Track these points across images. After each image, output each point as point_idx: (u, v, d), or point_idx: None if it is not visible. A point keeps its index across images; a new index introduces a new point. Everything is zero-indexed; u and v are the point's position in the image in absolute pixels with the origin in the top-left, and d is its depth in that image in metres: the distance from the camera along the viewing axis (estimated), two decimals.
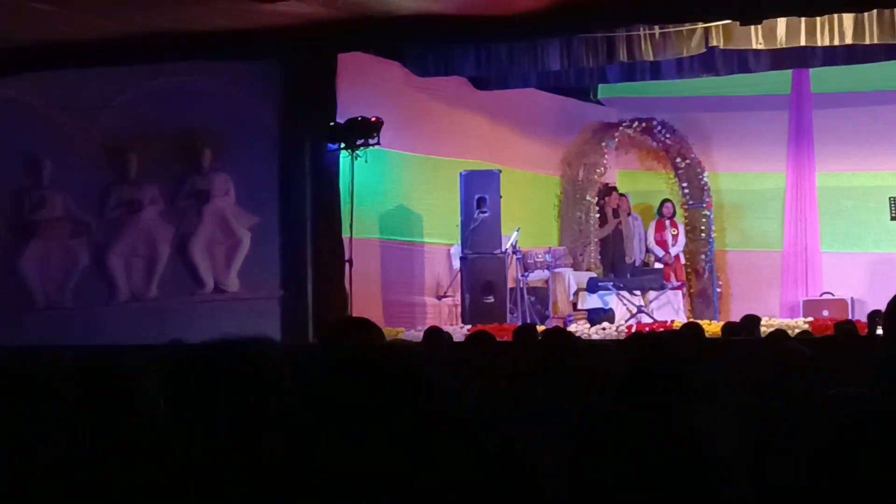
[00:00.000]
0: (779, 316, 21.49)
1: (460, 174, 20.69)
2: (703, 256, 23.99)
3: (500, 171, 20.71)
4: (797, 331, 15.57)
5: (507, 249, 20.52)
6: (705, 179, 24.16)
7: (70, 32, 15.49)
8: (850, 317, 19.61)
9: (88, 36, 15.59)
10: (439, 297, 21.16)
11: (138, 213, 18.64)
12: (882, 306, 4.88)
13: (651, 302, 20.85)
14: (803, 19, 17.30)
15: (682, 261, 23.57)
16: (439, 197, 21.21)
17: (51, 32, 15.50)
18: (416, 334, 16.97)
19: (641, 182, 24.75)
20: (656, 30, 18.29)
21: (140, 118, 18.57)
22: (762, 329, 15.32)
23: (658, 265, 23.08)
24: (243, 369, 3.79)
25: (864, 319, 15.76)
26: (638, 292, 20.91)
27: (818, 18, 17.24)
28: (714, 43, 18.29)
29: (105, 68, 16.72)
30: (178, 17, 14.68)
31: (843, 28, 17.36)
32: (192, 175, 19.12)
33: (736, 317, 17.53)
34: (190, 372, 3.92)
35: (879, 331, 9.16)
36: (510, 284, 20.66)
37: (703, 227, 24.09)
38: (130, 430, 4.48)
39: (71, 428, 5.02)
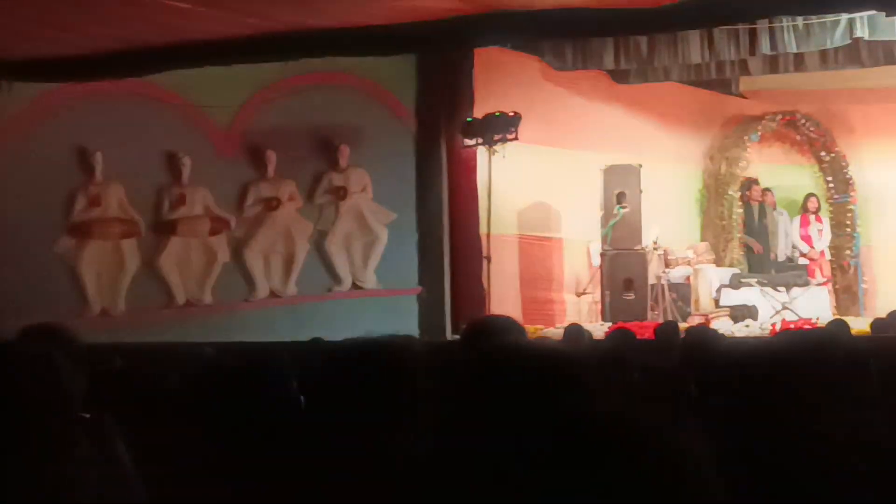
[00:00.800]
0: None
1: (600, 169, 20.61)
2: (848, 252, 23.67)
3: (641, 166, 20.57)
4: None
5: (647, 245, 20.41)
6: (850, 173, 23.83)
7: (211, 31, 15.63)
8: None
9: (229, 33, 15.70)
10: (578, 294, 21.09)
11: (276, 209, 18.81)
12: None
13: (795, 299, 20.55)
14: None
15: (827, 256, 23.25)
16: (578, 192, 21.12)
17: (192, 31, 15.64)
18: (555, 332, 16.89)
19: (785, 176, 24.42)
20: (799, 21, 18.07)
21: (278, 115, 18.74)
22: None
23: (803, 261, 22.79)
24: (386, 367, 3.77)
25: None
26: (782, 288, 20.64)
27: None
28: (859, 34, 18.02)
29: (244, 66, 16.84)
30: (315, 13, 14.73)
31: None
32: (329, 172, 19.29)
33: (882, 313, 17.22)
34: (331, 369, 3.90)
35: None
36: (651, 281, 20.54)
37: (848, 222, 23.77)
38: (270, 428, 4.47)
39: (211, 424, 5.04)
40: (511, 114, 18.54)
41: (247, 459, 4.06)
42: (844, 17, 17.76)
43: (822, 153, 23.95)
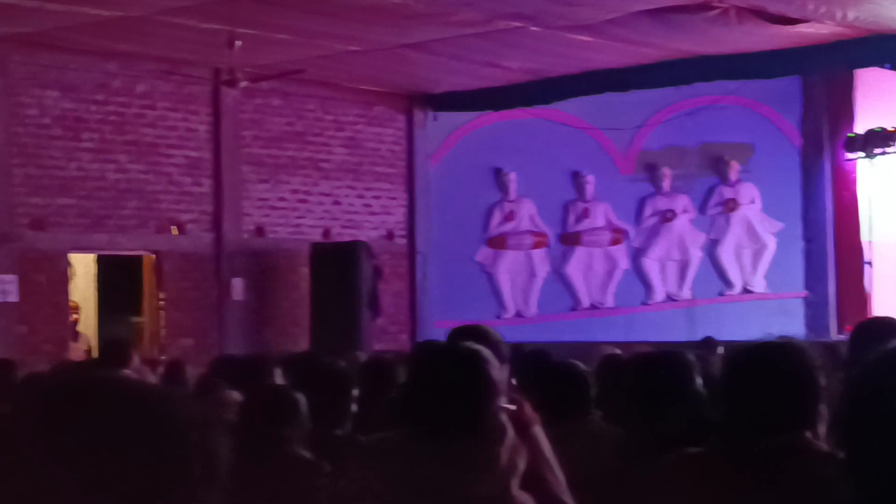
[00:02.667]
0: None
1: None
2: None
3: None
4: None
5: None
6: None
7: (611, 61, 15.82)
8: None
9: (627, 63, 15.88)
10: None
11: (671, 221, 18.87)
12: None
13: None
14: None
15: None
16: None
17: (594, 61, 15.85)
18: None
19: None
20: None
21: (671, 135, 18.80)
22: None
23: None
24: (790, 366, 3.77)
25: None
26: None
27: None
28: None
29: (640, 91, 16.94)
30: (708, 41, 14.73)
31: None
32: (719, 185, 19.27)
33: None
34: (733, 368, 3.93)
35: None
36: None
37: None
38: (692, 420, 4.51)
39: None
40: (891, 129, 18.10)
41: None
42: None
43: None
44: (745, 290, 19.31)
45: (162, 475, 1.62)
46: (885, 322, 5.84)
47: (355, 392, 6.34)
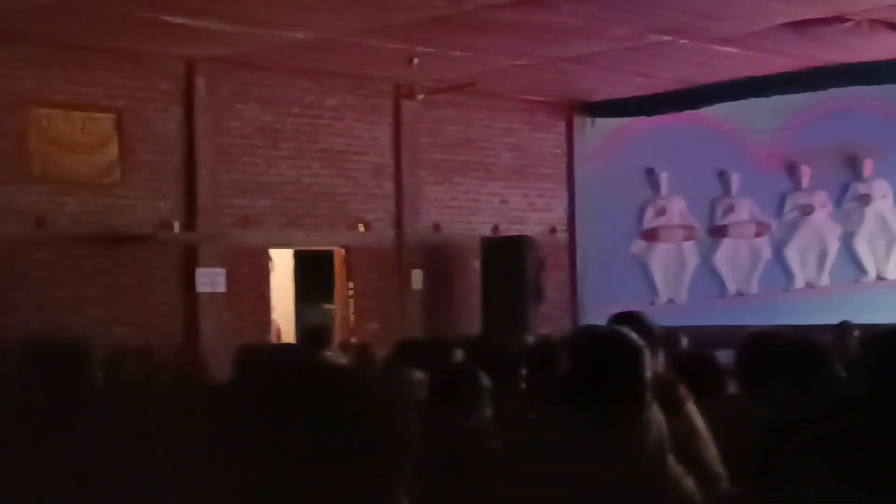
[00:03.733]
0: None
1: None
2: None
3: None
4: None
5: None
6: None
7: (752, 69, 15.65)
8: None
9: (768, 71, 15.69)
10: None
11: (810, 215, 18.57)
12: None
13: None
14: None
15: None
16: None
17: (737, 70, 15.70)
18: None
19: None
20: None
21: (810, 136, 18.48)
22: None
23: None
24: None
25: None
26: None
27: None
28: None
29: (780, 97, 16.70)
30: (841, 50, 14.45)
31: None
32: (854, 182, 18.87)
33: None
34: (872, 349, 3.86)
35: None
36: None
37: None
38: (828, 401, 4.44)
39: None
40: None
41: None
42: None
43: None
44: (879, 278, 18.90)
45: (361, 447, 1.65)
46: None
47: (523, 371, 6.36)
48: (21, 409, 5.84)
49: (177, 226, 14.65)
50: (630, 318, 6.19)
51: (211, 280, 14.78)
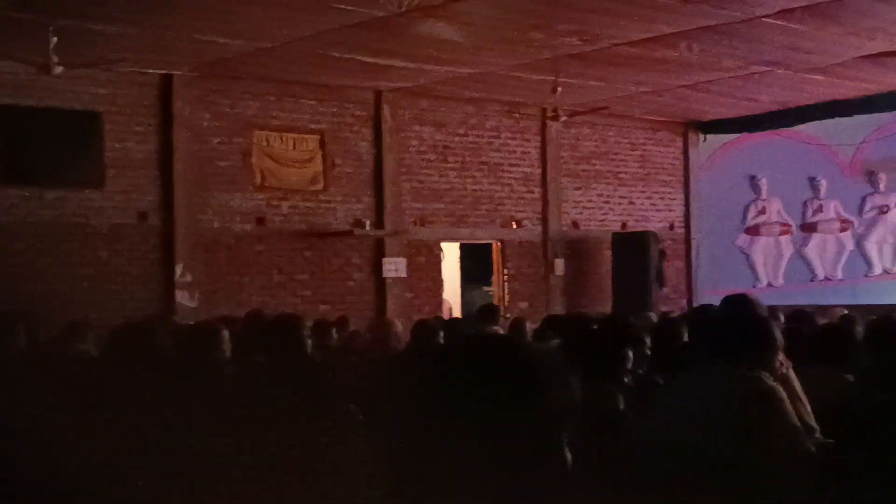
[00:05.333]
0: None
1: None
2: None
3: None
4: None
5: None
6: None
7: (838, 93, 15.38)
8: None
9: (852, 94, 15.42)
10: None
11: (886, 213, 17.95)
12: None
13: None
14: None
15: None
16: None
17: (825, 94, 15.45)
18: None
19: None
20: None
21: (886, 148, 17.83)
22: None
23: None
24: None
25: None
26: None
27: None
28: None
29: (860, 115, 16.28)
30: None
31: None
32: None
33: None
34: None
35: None
36: None
37: None
38: None
39: None
40: None
41: None
42: None
43: None
44: None
45: (535, 407, 1.63)
46: None
47: (649, 343, 6.30)
48: (245, 370, 5.98)
49: (368, 224, 14.82)
50: (740, 299, 6.10)
51: (395, 267, 14.93)
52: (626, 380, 5.19)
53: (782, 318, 9.23)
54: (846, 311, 10.46)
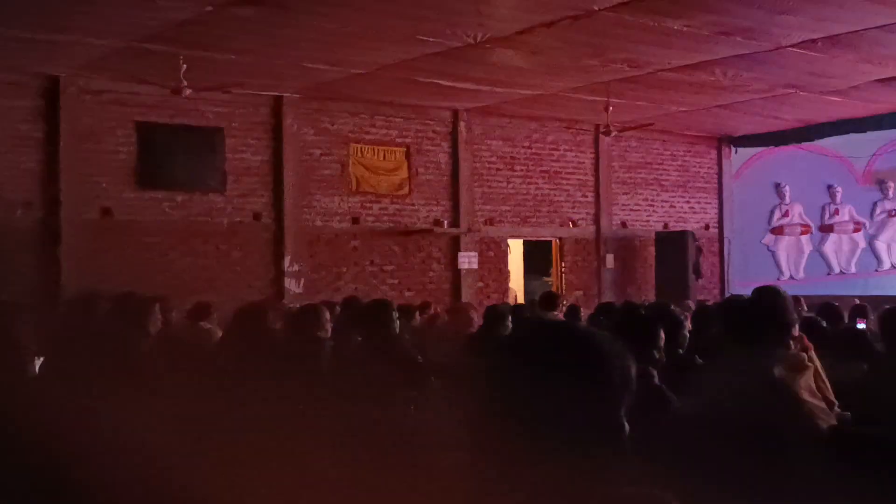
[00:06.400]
0: None
1: None
2: None
3: None
4: None
5: None
6: None
7: (851, 113, 15.13)
8: None
9: (866, 112, 15.12)
10: None
11: (894, 217, 17.52)
12: None
13: None
14: None
15: None
16: None
17: (840, 113, 15.20)
18: None
19: None
20: None
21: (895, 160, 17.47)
22: None
23: None
24: None
25: None
26: None
27: None
28: None
29: (873, 131, 15.94)
30: None
31: None
32: None
33: None
34: None
35: None
36: None
37: None
38: None
39: None
40: None
41: None
42: None
43: None
44: None
45: (595, 384, 1.63)
46: None
47: (687, 327, 6.21)
48: (342, 346, 6.03)
49: (445, 223, 14.85)
50: (769, 289, 6.00)
51: (468, 260, 14.94)
52: (656, 355, 5.12)
53: (805, 307, 9.06)
54: (858, 301, 10.22)
